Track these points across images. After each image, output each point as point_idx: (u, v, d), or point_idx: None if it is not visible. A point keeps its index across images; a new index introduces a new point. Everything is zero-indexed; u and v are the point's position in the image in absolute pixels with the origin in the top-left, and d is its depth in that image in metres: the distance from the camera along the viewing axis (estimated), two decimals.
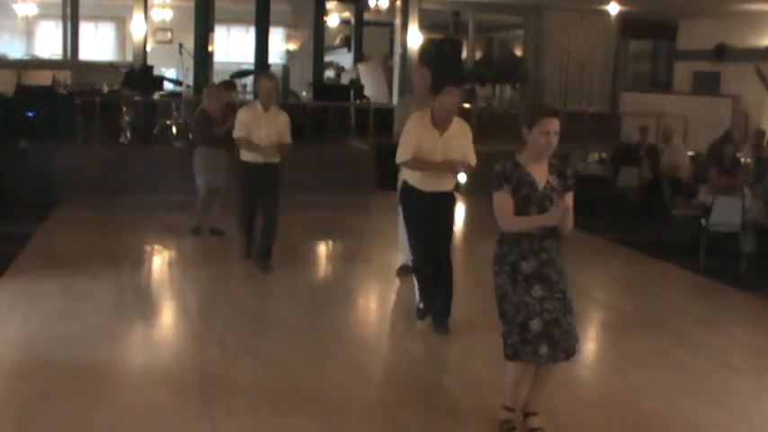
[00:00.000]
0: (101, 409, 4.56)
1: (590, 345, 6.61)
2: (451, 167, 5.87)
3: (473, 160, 5.93)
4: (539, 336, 4.18)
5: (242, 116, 7.58)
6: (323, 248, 9.62)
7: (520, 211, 4.22)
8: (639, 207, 11.43)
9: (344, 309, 6.94)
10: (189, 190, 9.34)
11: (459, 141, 5.85)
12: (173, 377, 5.12)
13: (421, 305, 6.25)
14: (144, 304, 6.75)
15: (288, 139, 7.65)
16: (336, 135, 13.47)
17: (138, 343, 6.00)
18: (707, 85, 16.58)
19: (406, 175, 6.01)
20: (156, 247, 8.98)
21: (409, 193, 5.99)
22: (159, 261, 8.56)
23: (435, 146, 5.79)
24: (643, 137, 12.52)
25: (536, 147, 4.21)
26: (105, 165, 11.13)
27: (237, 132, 7.57)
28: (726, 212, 8.63)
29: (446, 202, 6.01)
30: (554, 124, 4.19)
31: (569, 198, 4.29)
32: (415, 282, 6.33)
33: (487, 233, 5.02)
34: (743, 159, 10.52)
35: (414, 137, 5.81)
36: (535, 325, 4.18)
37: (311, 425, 4.52)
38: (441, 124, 5.78)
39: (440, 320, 6.07)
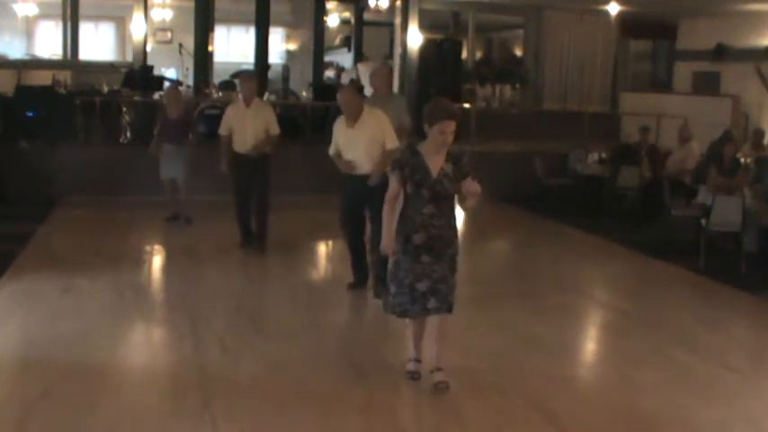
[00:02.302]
0: (101, 409, 4.56)
1: (590, 345, 6.63)
2: (350, 167, 6.69)
3: (391, 142, 6.67)
4: (426, 293, 4.95)
5: (226, 115, 8.38)
6: (323, 248, 9.62)
7: (414, 192, 4.92)
8: (639, 207, 11.43)
9: (344, 308, 6.94)
10: (191, 189, 9.37)
11: (370, 128, 6.66)
12: (173, 377, 5.12)
13: (352, 280, 7.11)
14: (144, 304, 6.76)
15: (275, 129, 8.32)
16: None
17: (138, 343, 6.00)
18: (707, 85, 16.55)
19: None
20: (155, 246, 9.00)
21: (344, 179, 6.87)
22: (159, 261, 8.57)
23: (348, 137, 6.72)
24: (644, 137, 12.50)
25: (434, 142, 4.92)
26: (105, 165, 11.12)
27: (220, 130, 8.36)
28: (726, 212, 8.62)
29: (374, 186, 6.63)
30: (450, 126, 4.87)
31: (469, 183, 4.95)
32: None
33: (485, 232, 5.02)
34: (743, 159, 10.51)
35: (334, 136, 6.85)
36: (422, 285, 4.95)
37: (311, 425, 4.52)
38: (350, 119, 6.68)
39: (380, 287, 6.64)
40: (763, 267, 8.55)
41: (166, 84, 14.22)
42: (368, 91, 15.42)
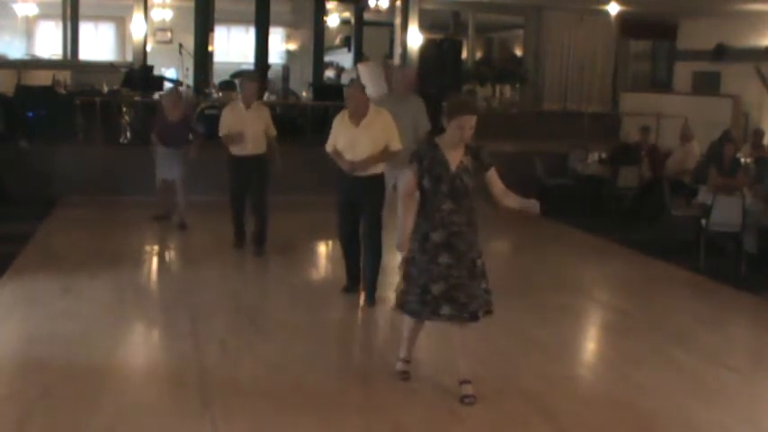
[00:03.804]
0: (101, 409, 4.56)
1: (590, 345, 6.63)
2: (351, 167, 6.52)
3: (395, 145, 6.55)
4: (439, 298, 4.75)
5: (225, 116, 8.32)
6: (323, 248, 9.61)
7: (433, 186, 4.76)
8: (639, 207, 11.43)
9: (344, 308, 6.94)
10: (189, 189, 9.37)
11: (375, 129, 6.50)
12: (173, 377, 5.12)
13: (346, 284, 7.06)
14: (144, 304, 6.76)
15: (273, 131, 8.38)
16: None
17: (138, 343, 6.01)
18: (707, 85, 16.56)
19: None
20: (155, 246, 9.00)
21: (338, 177, 6.71)
22: (159, 261, 8.57)
23: (351, 136, 6.52)
24: (644, 137, 12.51)
25: (452, 137, 4.78)
26: (105, 165, 11.11)
27: (221, 131, 8.27)
28: (726, 212, 8.62)
29: (368, 185, 6.61)
30: (470, 121, 4.74)
31: (493, 175, 4.87)
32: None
33: (485, 232, 5.03)
34: (743, 159, 10.50)
35: (334, 132, 6.68)
36: (437, 288, 4.74)
37: (311, 425, 4.52)
38: (355, 117, 6.51)
39: (369, 295, 6.76)
40: (763, 267, 8.55)
41: (167, 84, 14.25)
42: (368, 91, 15.47)
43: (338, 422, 4.57)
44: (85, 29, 18.43)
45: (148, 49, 15.62)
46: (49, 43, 19.73)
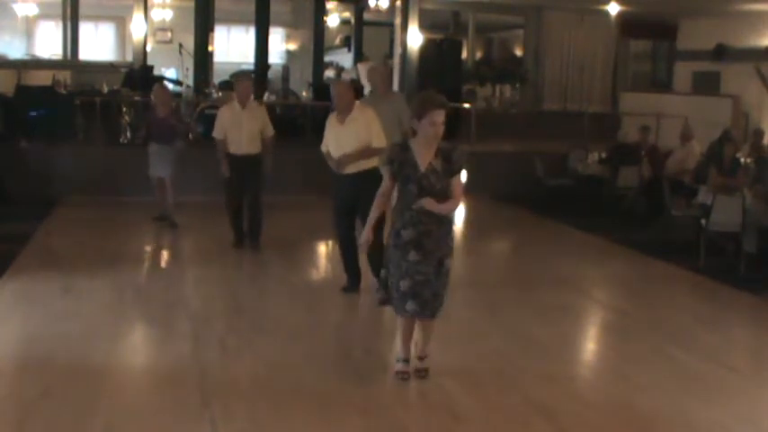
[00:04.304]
0: (101, 409, 4.56)
1: (590, 345, 6.63)
2: (337, 164, 6.63)
3: (378, 142, 6.56)
4: (406, 294, 4.92)
5: (221, 115, 8.33)
6: (323, 248, 9.61)
7: (403, 187, 4.91)
8: (639, 207, 11.42)
9: (344, 308, 6.94)
10: (188, 190, 9.38)
11: (357, 126, 6.56)
12: (173, 377, 5.11)
13: (346, 284, 7.07)
14: (144, 304, 6.76)
15: (270, 131, 8.41)
16: None
17: (138, 343, 6.00)
18: (707, 85, 16.55)
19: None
20: (155, 246, 9.00)
21: (333, 178, 6.82)
22: (159, 261, 8.57)
23: (337, 134, 6.65)
24: (644, 136, 12.50)
25: (425, 135, 4.84)
26: (105, 165, 11.12)
27: (215, 133, 8.32)
28: (726, 212, 8.62)
29: (361, 181, 6.56)
30: (440, 116, 4.79)
31: (456, 181, 4.89)
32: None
33: (485, 232, 5.03)
34: (743, 159, 10.50)
35: (326, 132, 6.77)
36: (404, 284, 4.91)
37: (311, 425, 4.52)
38: (340, 115, 6.62)
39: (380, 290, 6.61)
40: (763, 267, 8.54)
41: (167, 84, 14.25)
42: (367, 91, 15.50)
43: (338, 422, 4.57)
44: (85, 29, 18.43)
45: (148, 49, 15.61)
46: (49, 43, 19.74)
